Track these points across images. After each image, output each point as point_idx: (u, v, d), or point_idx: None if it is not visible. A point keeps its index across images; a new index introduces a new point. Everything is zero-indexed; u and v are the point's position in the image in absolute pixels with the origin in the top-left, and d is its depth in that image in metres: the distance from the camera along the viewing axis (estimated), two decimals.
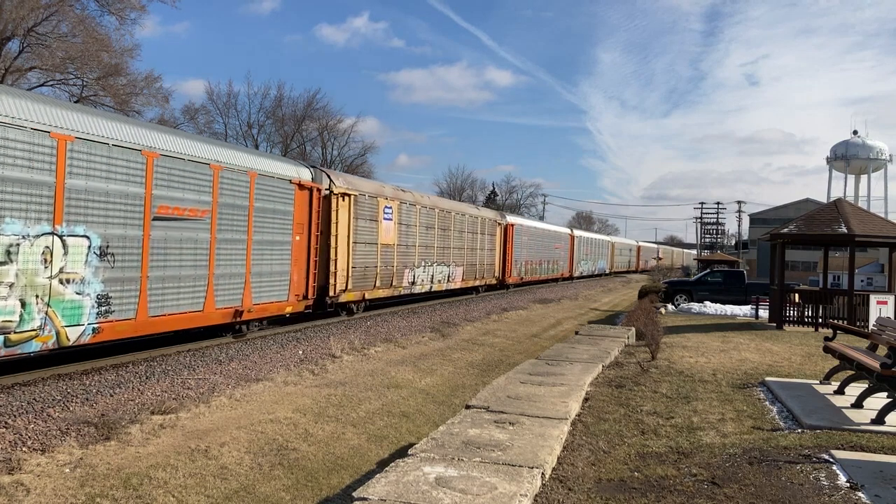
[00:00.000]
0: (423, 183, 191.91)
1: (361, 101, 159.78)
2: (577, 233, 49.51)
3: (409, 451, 5.65)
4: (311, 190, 15.46)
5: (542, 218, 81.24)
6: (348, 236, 17.53)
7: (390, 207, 20.03)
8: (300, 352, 12.79)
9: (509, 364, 13.20)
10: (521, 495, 4.71)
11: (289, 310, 14.95)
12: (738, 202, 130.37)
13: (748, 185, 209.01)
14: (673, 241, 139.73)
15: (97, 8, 33.81)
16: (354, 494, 4.62)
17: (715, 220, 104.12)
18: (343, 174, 19.76)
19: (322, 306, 16.80)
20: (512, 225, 33.23)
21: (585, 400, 8.51)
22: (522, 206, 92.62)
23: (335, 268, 16.88)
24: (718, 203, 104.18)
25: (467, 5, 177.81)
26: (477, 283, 28.92)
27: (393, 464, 5.30)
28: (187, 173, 11.66)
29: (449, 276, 25.23)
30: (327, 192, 16.57)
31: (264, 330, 14.96)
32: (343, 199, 17.26)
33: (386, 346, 14.28)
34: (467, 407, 7.41)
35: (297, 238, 15.02)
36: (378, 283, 19.48)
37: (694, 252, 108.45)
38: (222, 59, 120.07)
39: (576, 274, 47.90)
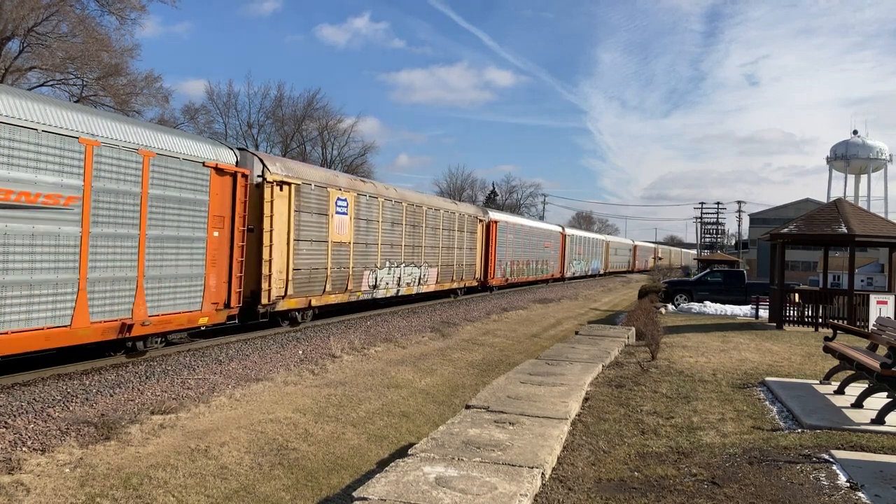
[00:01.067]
0: (423, 183, 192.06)
1: (362, 101, 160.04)
2: (568, 231, 46.65)
3: (409, 451, 5.65)
4: (234, 176, 12.63)
5: (542, 218, 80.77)
6: (288, 232, 14.80)
7: (345, 200, 17.28)
8: (300, 352, 12.79)
9: (509, 364, 13.20)
10: (521, 495, 4.71)
11: (203, 321, 12.21)
12: (738, 202, 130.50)
13: (748, 185, 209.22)
14: (673, 241, 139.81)
15: (97, 8, 33.86)
16: (354, 494, 4.62)
17: (715, 220, 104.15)
18: (283, 159, 16.90)
19: (253, 316, 14.11)
20: (495, 222, 30.58)
21: (585, 400, 8.51)
22: (522, 206, 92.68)
23: (269, 270, 14.08)
24: (718, 203, 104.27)
25: (468, 6, 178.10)
26: (454, 285, 26.12)
27: (393, 464, 5.30)
28: (42, 148, 9.02)
29: (420, 279, 22.44)
30: (259, 179, 13.90)
31: (183, 344, 12.73)
32: (281, 189, 14.49)
33: (386, 346, 14.28)
34: (467, 407, 7.41)
35: (216, 234, 12.23)
36: (329, 288, 16.69)
37: (693, 252, 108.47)
38: (223, 59, 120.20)
39: (567, 274, 45.50)
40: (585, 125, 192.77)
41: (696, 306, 25.49)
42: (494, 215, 31.51)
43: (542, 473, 5.43)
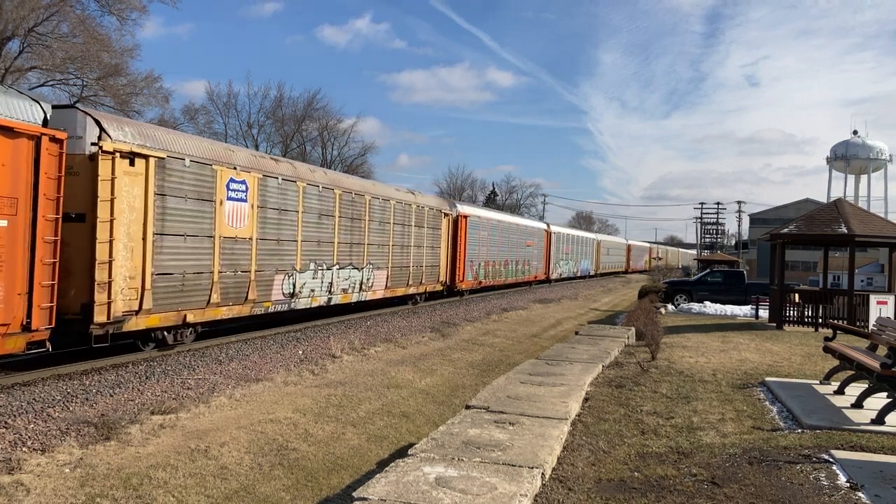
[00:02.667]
0: (424, 183, 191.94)
1: (362, 101, 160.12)
2: (554, 228, 42.80)
3: (409, 451, 5.65)
4: (35, 140, 8.83)
5: (541, 218, 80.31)
6: (144, 224, 10.92)
7: (242, 183, 13.22)
8: (300, 352, 12.79)
9: (509, 364, 13.20)
10: (521, 495, 4.71)
11: None
12: (738, 202, 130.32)
13: (748, 185, 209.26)
14: (673, 242, 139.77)
15: (98, 8, 33.87)
16: (354, 494, 4.62)
17: (715, 220, 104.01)
18: (139, 123, 13.10)
19: (85, 339, 10.26)
20: (465, 216, 26.68)
21: (585, 400, 8.51)
22: (522, 207, 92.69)
23: (110, 275, 10.27)
24: (718, 203, 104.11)
25: (469, 6, 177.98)
26: (411, 289, 21.99)
27: (393, 464, 5.30)
28: None
29: (362, 283, 18.39)
30: (94, 147, 10.22)
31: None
32: (132, 164, 10.71)
33: (386, 346, 14.28)
34: (467, 407, 7.41)
35: (3, 223, 8.49)
36: (217, 298, 12.56)
37: (692, 252, 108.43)
38: (224, 60, 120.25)
39: (553, 276, 41.74)
40: (586, 125, 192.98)
41: (696, 306, 25.50)
42: (464, 209, 27.49)
43: (542, 473, 5.43)
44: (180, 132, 15.75)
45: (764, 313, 20.95)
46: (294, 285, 15.22)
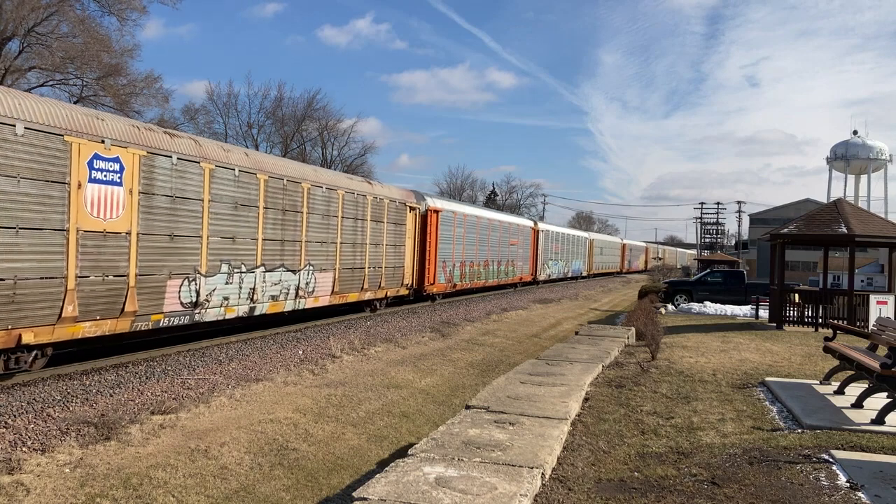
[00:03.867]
0: (424, 183, 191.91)
1: (363, 102, 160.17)
2: (542, 226, 39.96)
3: (409, 452, 5.65)
4: None
5: (541, 218, 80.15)
6: None
7: (116, 161, 10.41)
8: (300, 352, 12.78)
9: (509, 364, 13.20)
10: (521, 495, 4.71)
11: None
12: (738, 202, 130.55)
13: (748, 185, 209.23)
14: (673, 241, 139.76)
15: (98, 9, 33.87)
16: (354, 494, 4.62)
17: (715, 220, 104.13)
18: None
19: None
20: (436, 211, 23.59)
21: (585, 400, 8.51)
22: (522, 207, 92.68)
23: None
24: (718, 203, 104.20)
25: (470, 7, 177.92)
26: (367, 294, 18.86)
27: (393, 464, 5.30)
28: None
29: (299, 289, 15.31)
30: None
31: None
32: None
33: (386, 346, 14.28)
34: (467, 407, 7.41)
35: None
36: (74, 311, 9.69)
37: (690, 252, 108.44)
38: (225, 61, 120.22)
39: (541, 277, 38.99)
40: (587, 126, 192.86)
41: (696, 306, 25.50)
42: (435, 202, 24.40)
43: (542, 473, 5.44)
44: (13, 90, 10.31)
45: (764, 313, 20.95)
46: (198, 292, 12.15)
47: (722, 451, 6.54)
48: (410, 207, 21.90)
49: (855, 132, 65.26)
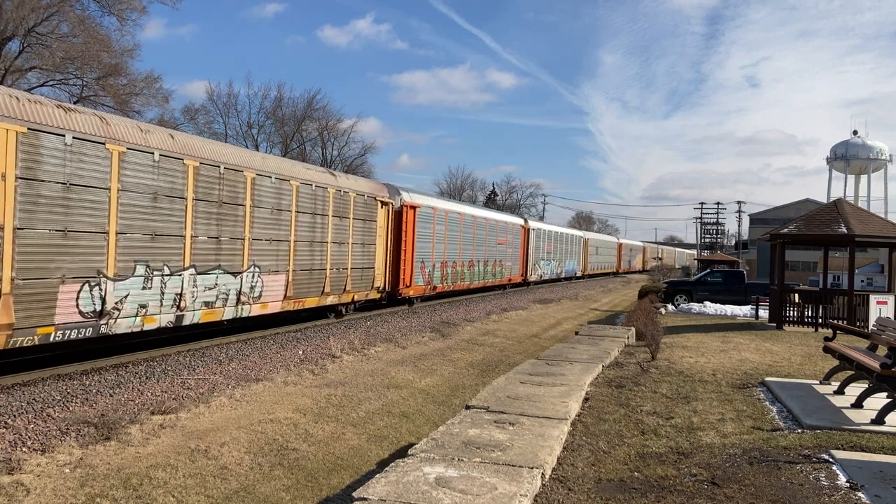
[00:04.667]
0: (424, 183, 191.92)
1: (364, 102, 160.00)
2: (533, 224, 38.21)
3: (409, 452, 5.65)
4: None
5: (542, 218, 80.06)
6: None
7: None
8: (300, 352, 12.79)
9: (509, 364, 13.20)
10: (521, 495, 4.71)
11: None
12: (738, 202, 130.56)
13: (748, 185, 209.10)
14: (673, 241, 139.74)
15: (98, 9, 33.89)
16: (354, 494, 4.62)
17: (715, 220, 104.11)
18: None
19: None
20: (413, 207, 21.65)
21: (585, 400, 8.51)
22: (522, 207, 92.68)
23: None
24: (718, 203, 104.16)
25: (471, 8, 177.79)
26: (331, 299, 16.97)
27: (393, 464, 5.30)
28: None
29: (242, 293, 13.37)
30: None
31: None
32: None
33: (386, 346, 14.28)
34: (467, 407, 7.41)
35: None
36: None
37: (689, 252, 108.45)
38: (225, 61, 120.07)
39: (532, 278, 37.30)
40: (587, 126, 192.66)
41: (695, 306, 25.51)
42: (413, 198, 22.20)
43: (542, 474, 5.44)
44: None
45: (764, 313, 20.96)
46: (103, 300, 10.29)
47: (722, 451, 6.54)
48: (382, 202, 19.67)
49: (855, 132, 65.26)
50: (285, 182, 14.80)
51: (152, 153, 11.13)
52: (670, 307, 25.97)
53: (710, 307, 24.96)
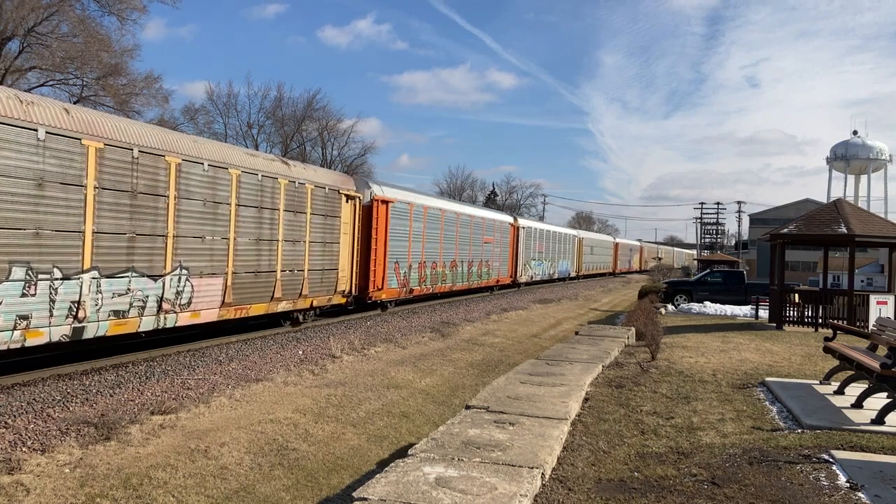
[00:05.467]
0: (424, 183, 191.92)
1: (364, 102, 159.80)
2: (523, 222, 36.41)
3: (409, 452, 5.65)
4: None
5: (541, 218, 79.81)
6: None
7: None
8: (300, 352, 12.79)
9: (509, 364, 13.20)
10: (521, 495, 4.71)
11: None
12: (738, 202, 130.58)
13: (748, 185, 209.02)
14: (673, 241, 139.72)
15: (98, 8, 33.89)
16: (354, 494, 4.62)
17: (715, 220, 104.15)
18: None
19: None
20: (386, 201, 19.76)
21: (585, 400, 8.51)
22: (522, 207, 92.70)
23: None
24: (718, 203, 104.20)
25: (471, 8, 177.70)
26: (284, 305, 14.94)
27: (393, 464, 5.30)
28: None
29: (166, 300, 11.40)
30: None
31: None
32: None
33: (386, 347, 14.28)
34: (467, 407, 7.41)
35: None
36: None
37: (687, 252, 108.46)
38: (226, 61, 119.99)
39: (522, 279, 35.48)
40: (587, 126, 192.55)
41: (695, 307, 25.51)
42: (386, 192, 20.27)
43: (542, 474, 5.44)
44: None
45: (764, 313, 20.95)
46: None
47: (722, 451, 6.54)
48: (347, 196, 17.44)
49: (855, 132, 65.28)
50: (222, 170, 12.73)
51: (35, 130, 9.13)
52: (670, 307, 25.97)
53: (710, 307, 24.97)
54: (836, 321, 16.57)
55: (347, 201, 17.53)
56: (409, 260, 21.77)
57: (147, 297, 11.11)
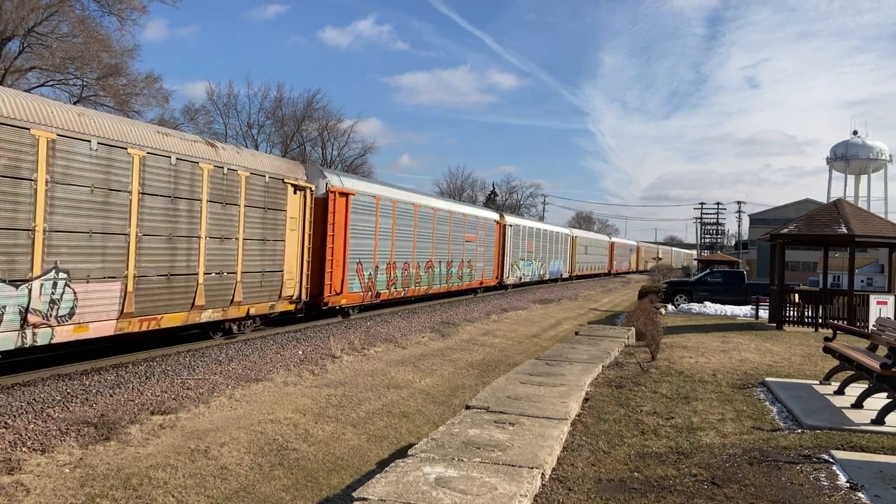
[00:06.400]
0: (424, 183, 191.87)
1: (365, 103, 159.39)
2: (510, 219, 34.07)
3: (409, 452, 5.65)
4: None
5: (541, 219, 79.64)
6: None
7: None
8: (300, 352, 12.79)
9: (509, 364, 13.20)
10: (520, 495, 4.71)
11: None
12: (738, 202, 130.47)
13: (748, 185, 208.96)
14: (673, 242, 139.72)
15: (98, 8, 33.90)
16: (354, 495, 4.62)
17: (715, 220, 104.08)
18: None
19: None
20: (345, 194, 17.23)
21: (585, 400, 8.51)
22: (522, 207, 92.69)
23: None
24: (718, 203, 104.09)
25: (472, 9, 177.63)
26: (209, 314, 12.59)
27: (393, 464, 5.30)
28: None
29: (35, 311, 9.21)
30: None
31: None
32: None
33: (386, 347, 14.28)
34: (467, 407, 7.41)
35: None
36: None
37: (687, 252, 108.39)
38: (227, 62, 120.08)
39: (510, 280, 33.20)
40: (587, 127, 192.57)
41: (695, 307, 25.51)
42: (344, 182, 17.90)
43: (542, 474, 5.44)
44: None
45: (764, 313, 20.95)
46: None
47: (722, 451, 6.54)
48: (295, 186, 15.13)
49: (855, 132, 65.30)
50: (119, 150, 10.48)
51: None
52: (670, 307, 25.98)
53: (710, 307, 24.97)
54: (836, 321, 16.57)
55: (295, 192, 15.18)
56: (375, 260, 19.32)
57: (4, 308, 8.79)
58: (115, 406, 8.41)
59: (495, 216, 32.40)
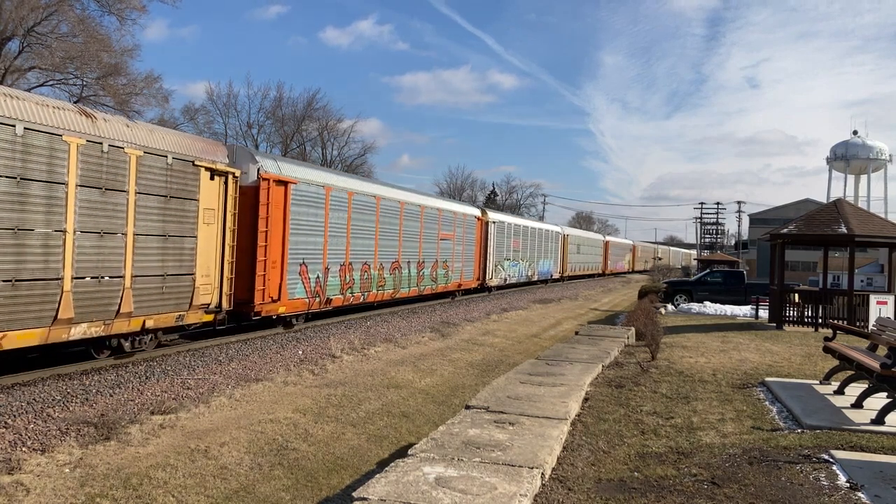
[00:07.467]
0: (424, 183, 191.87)
1: (365, 103, 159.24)
2: (493, 216, 31.14)
3: (409, 452, 5.65)
4: None
5: (541, 219, 79.56)
6: None
7: None
8: (300, 352, 12.78)
9: (509, 364, 13.20)
10: (520, 495, 4.71)
11: None
12: (738, 202, 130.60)
13: (748, 185, 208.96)
14: (673, 241, 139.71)
15: (97, 8, 33.89)
16: (354, 494, 4.62)
17: (715, 220, 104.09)
18: None
19: None
20: (283, 183, 14.72)
21: (585, 400, 8.51)
22: (522, 207, 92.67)
23: None
24: (718, 203, 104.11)
25: (472, 9, 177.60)
26: (82, 329, 9.85)
27: (393, 464, 5.30)
28: None
29: None
30: None
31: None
32: None
33: (386, 346, 14.28)
34: (467, 407, 7.41)
35: None
36: None
37: (687, 252, 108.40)
38: (227, 62, 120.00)
39: (492, 282, 30.52)
40: (588, 127, 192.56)
41: (695, 306, 25.50)
42: (282, 169, 15.22)
43: (542, 474, 5.44)
44: None
45: (764, 313, 20.95)
46: None
47: (722, 451, 6.54)
48: (214, 171, 12.45)
49: (855, 132, 65.26)
50: None
51: None
52: (670, 307, 25.97)
53: (710, 307, 24.96)
54: (836, 321, 16.57)
55: (213, 178, 12.45)
56: (324, 261, 16.53)
57: None
58: (115, 406, 8.42)
59: (476, 212, 29.48)
